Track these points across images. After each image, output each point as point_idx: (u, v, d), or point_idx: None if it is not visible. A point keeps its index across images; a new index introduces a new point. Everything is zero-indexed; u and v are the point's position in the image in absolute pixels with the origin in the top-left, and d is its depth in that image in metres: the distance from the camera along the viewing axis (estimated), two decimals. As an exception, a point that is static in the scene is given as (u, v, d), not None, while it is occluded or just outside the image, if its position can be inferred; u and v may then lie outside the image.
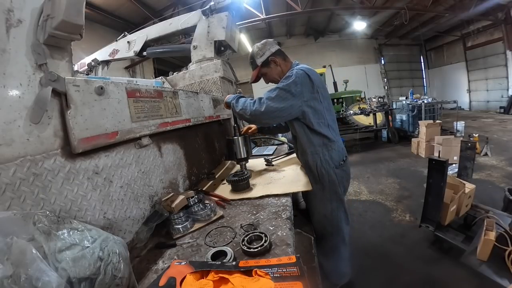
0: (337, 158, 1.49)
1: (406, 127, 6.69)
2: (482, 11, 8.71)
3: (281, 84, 1.37)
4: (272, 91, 1.37)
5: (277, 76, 1.55)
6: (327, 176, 1.47)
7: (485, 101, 11.22)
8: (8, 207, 0.56)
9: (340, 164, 1.51)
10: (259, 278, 0.57)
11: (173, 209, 0.95)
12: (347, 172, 1.58)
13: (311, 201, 1.60)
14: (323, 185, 1.49)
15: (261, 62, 1.52)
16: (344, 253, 1.67)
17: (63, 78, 0.67)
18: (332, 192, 1.50)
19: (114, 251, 0.55)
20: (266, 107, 1.33)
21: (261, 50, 1.52)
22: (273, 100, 1.34)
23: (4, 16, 0.58)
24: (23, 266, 0.41)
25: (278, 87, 1.36)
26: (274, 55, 1.52)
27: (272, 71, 1.55)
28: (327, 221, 1.57)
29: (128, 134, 0.88)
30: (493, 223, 1.81)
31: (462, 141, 2.79)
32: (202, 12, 2.27)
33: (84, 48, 3.20)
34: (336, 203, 1.53)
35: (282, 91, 1.34)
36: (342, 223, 1.59)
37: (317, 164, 1.46)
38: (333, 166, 1.47)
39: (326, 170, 1.46)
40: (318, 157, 1.46)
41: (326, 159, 1.46)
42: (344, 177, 1.55)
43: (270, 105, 1.33)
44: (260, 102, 1.36)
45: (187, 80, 2.26)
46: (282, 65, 1.54)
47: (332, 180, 1.48)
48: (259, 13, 7.32)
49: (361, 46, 13.12)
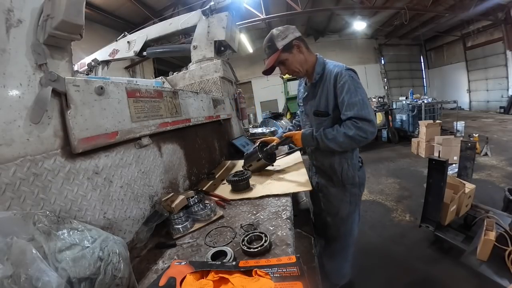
0: (358, 160, 1.49)
1: (406, 127, 6.68)
2: (482, 11, 8.70)
3: (354, 93, 1.24)
4: (353, 104, 1.22)
5: (299, 66, 1.34)
6: (351, 178, 1.44)
7: (485, 101, 11.22)
8: (8, 207, 0.56)
9: (360, 166, 1.50)
10: (259, 278, 0.57)
11: (173, 209, 0.95)
12: (365, 174, 1.56)
13: (328, 202, 1.56)
14: (345, 187, 1.47)
15: (282, 46, 1.28)
16: (349, 255, 1.68)
17: (63, 78, 0.67)
18: (352, 194, 1.48)
19: (114, 251, 0.55)
20: (372, 115, 1.22)
21: (283, 33, 1.29)
22: (367, 104, 1.23)
23: (4, 16, 0.58)
24: (23, 266, 0.41)
25: (356, 91, 1.23)
26: (298, 39, 1.31)
27: (295, 58, 1.32)
28: (342, 223, 1.55)
29: (128, 134, 0.88)
30: (493, 223, 1.81)
31: (462, 141, 2.80)
32: (202, 12, 2.27)
33: (84, 48, 3.20)
34: (354, 205, 1.51)
35: (358, 86, 1.25)
36: (355, 226, 1.59)
37: (344, 168, 1.43)
38: (357, 168, 1.46)
39: (352, 173, 1.44)
40: (346, 160, 1.42)
41: (353, 162, 1.44)
42: (364, 179, 1.54)
43: (371, 112, 1.24)
44: (362, 116, 1.20)
45: (187, 80, 2.26)
46: (305, 54, 1.34)
47: (355, 183, 1.46)
48: (259, 13, 7.32)
49: (361, 46, 13.11)
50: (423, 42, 13.08)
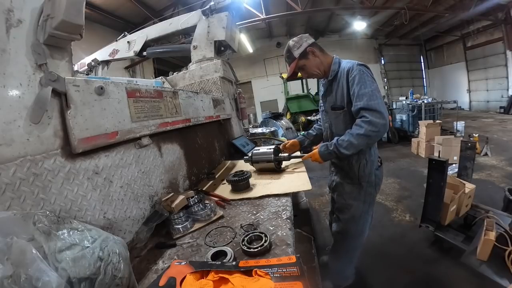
0: (377, 158, 1.49)
1: (406, 127, 6.68)
2: (482, 11, 8.71)
3: (364, 84, 1.28)
4: (363, 95, 1.27)
5: (316, 69, 1.47)
6: (368, 177, 1.45)
7: (485, 101, 11.22)
8: (8, 207, 0.56)
9: (379, 165, 1.50)
10: (259, 278, 0.57)
11: (173, 209, 0.95)
12: (382, 173, 1.55)
13: (342, 200, 1.56)
14: (361, 186, 1.46)
15: (298, 54, 1.44)
16: (355, 256, 1.67)
17: (63, 78, 0.67)
18: (367, 193, 1.48)
19: (114, 251, 0.55)
20: (382, 107, 1.24)
21: (297, 43, 1.46)
22: (376, 96, 1.26)
23: (4, 16, 0.58)
24: (23, 266, 0.41)
25: (366, 83, 1.28)
26: (311, 46, 1.45)
27: (311, 63, 1.46)
28: (353, 223, 1.54)
29: (128, 134, 0.88)
30: (493, 223, 1.80)
31: (462, 141, 2.79)
32: (202, 12, 2.28)
33: (84, 48, 3.20)
34: (368, 205, 1.51)
35: (368, 78, 1.29)
36: (367, 227, 1.58)
37: (361, 164, 1.43)
38: (376, 166, 1.46)
39: (369, 171, 1.44)
40: (364, 157, 1.43)
41: (372, 160, 1.44)
42: (381, 179, 1.53)
43: (381, 103, 1.25)
44: (371, 106, 1.24)
45: (187, 80, 2.26)
46: (321, 57, 1.47)
47: (371, 181, 1.46)
48: (259, 13, 7.32)
49: (361, 46, 13.11)
50: (423, 42, 13.07)
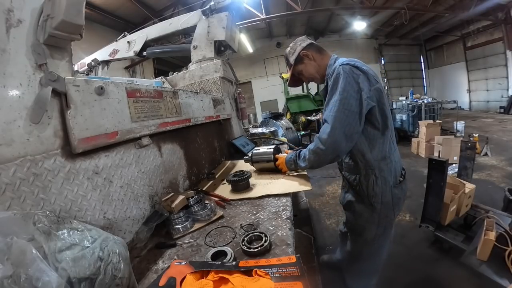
0: (396, 173, 1.25)
1: (406, 127, 6.68)
2: (482, 11, 8.72)
3: (335, 92, 1.12)
4: (329, 110, 1.12)
5: (314, 72, 1.36)
6: (380, 196, 1.22)
7: (485, 101, 11.23)
8: (8, 207, 0.56)
9: (399, 181, 1.26)
10: (259, 278, 0.57)
11: (173, 209, 0.95)
12: (404, 191, 1.31)
13: (354, 220, 1.38)
14: (373, 206, 1.25)
15: (293, 60, 1.37)
16: (373, 279, 1.53)
17: (63, 78, 0.67)
18: (382, 215, 1.26)
19: (114, 251, 0.55)
20: (336, 120, 1.08)
21: (292, 48, 1.39)
22: (337, 106, 1.09)
23: (4, 16, 0.58)
24: (23, 266, 0.41)
25: (337, 90, 1.11)
26: (305, 49, 1.35)
27: (307, 67, 1.36)
28: (366, 245, 1.38)
29: (128, 134, 0.88)
30: (493, 223, 1.81)
31: (462, 141, 2.80)
32: (202, 12, 2.27)
33: (84, 48, 3.20)
34: (383, 229, 1.31)
35: (344, 82, 1.09)
36: (383, 251, 1.42)
37: (370, 180, 1.22)
38: (390, 185, 1.22)
39: (381, 190, 1.21)
40: (373, 172, 1.21)
41: (383, 176, 1.21)
42: (401, 198, 1.30)
43: (339, 116, 1.08)
44: (324, 127, 1.12)
45: (187, 80, 2.26)
46: (317, 59, 1.35)
47: (386, 202, 1.23)
48: (259, 13, 7.33)
49: (361, 46, 13.12)
50: (423, 42, 13.09)
